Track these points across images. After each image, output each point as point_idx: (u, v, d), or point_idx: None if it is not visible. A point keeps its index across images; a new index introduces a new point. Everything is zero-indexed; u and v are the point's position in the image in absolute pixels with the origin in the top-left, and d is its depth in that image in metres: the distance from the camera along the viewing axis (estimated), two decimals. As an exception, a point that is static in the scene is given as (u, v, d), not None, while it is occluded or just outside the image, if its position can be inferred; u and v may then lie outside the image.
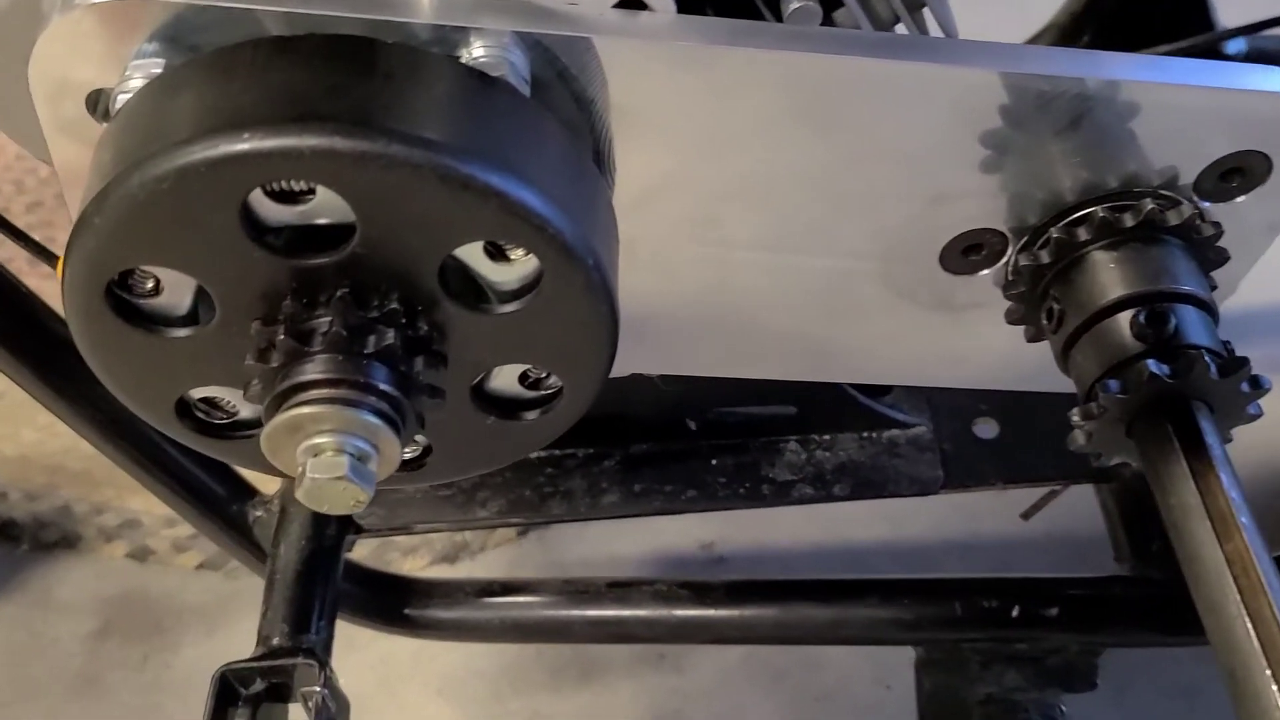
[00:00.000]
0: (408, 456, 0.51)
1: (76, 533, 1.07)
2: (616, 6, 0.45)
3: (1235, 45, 0.94)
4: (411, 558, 1.04)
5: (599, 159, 0.48)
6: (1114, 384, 0.47)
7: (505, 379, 0.48)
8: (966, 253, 0.53)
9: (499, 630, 0.77)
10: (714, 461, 0.73)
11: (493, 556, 1.04)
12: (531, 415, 0.48)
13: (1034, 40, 0.93)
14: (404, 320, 0.42)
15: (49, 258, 0.72)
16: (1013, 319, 0.54)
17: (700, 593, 0.73)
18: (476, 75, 0.41)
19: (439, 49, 0.43)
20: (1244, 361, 0.47)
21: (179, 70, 0.41)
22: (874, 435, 0.74)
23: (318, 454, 0.41)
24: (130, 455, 0.69)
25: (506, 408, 0.48)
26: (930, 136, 0.48)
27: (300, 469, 0.41)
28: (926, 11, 0.52)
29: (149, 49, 0.42)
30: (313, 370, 0.41)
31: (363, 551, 1.05)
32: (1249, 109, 0.48)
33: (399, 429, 0.42)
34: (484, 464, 0.51)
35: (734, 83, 0.45)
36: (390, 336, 0.42)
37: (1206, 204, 0.51)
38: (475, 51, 0.43)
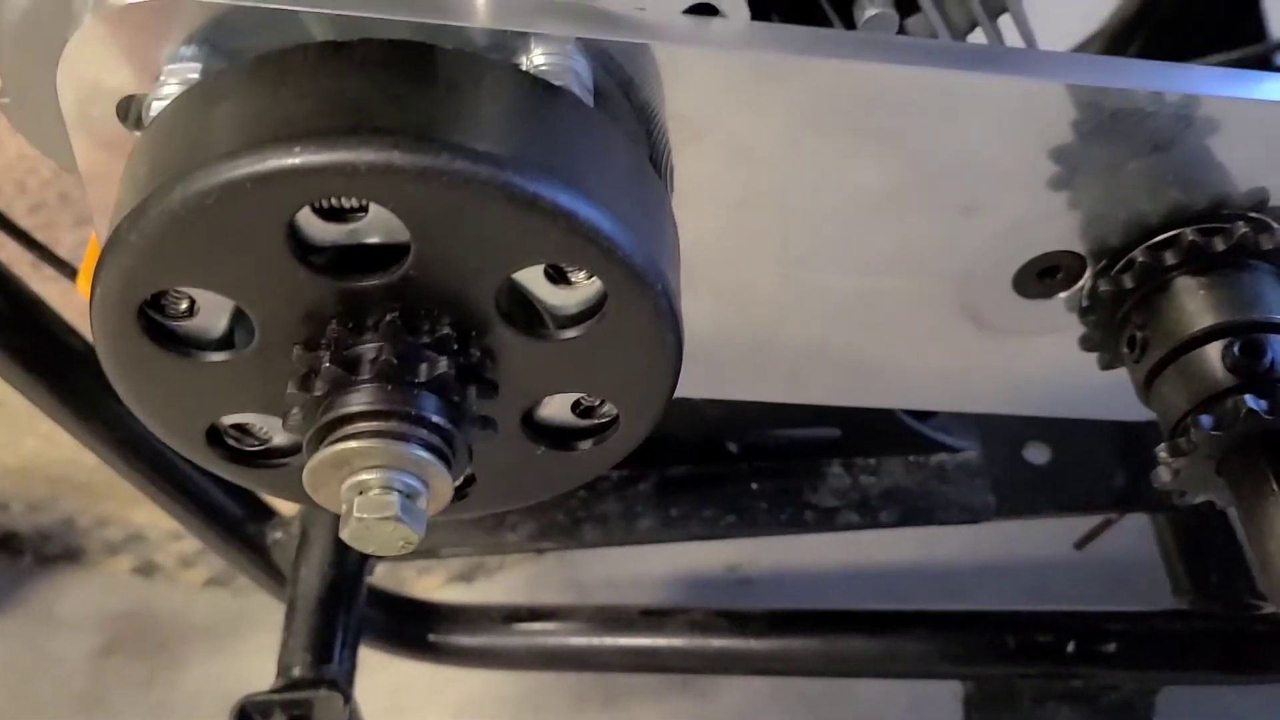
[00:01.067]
0: (450, 487, 0.48)
1: (80, 546, 1.03)
2: (687, 12, 0.42)
3: (1286, 57, 0.91)
4: (426, 576, 1.01)
5: (659, 174, 0.45)
6: (1206, 419, 0.44)
7: (557, 407, 0.45)
8: (1042, 276, 0.50)
9: (526, 658, 0.74)
10: (754, 485, 0.71)
11: (511, 576, 1.01)
12: (585, 445, 0.45)
13: (1081, 47, 0.90)
14: (456, 347, 0.39)
15: (56, 263, 0.69)
16: (1088, 346, 0.51)
17: (738, 623, 0.70)
18: (541, 85, 0.38)
19: (497, 55, 0.40)
20: (1343, 398, 0.44)
21: (220, 77, 0.38)
22: (921, 459, 0.71)
23: (364, 491, 0.38)
24: (144, 472, 0.66)
25: (558, 437, 0.45)
26: (1009, 153, 0.45)
27: (346, 507, 0.38)
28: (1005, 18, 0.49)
29: (186, 53, 0.40)
30: (359, 400, 0.38)
31: (377, 570, 1.03)
32: (1351, 128, 0.45)
33: (450, 464, 0.39)
34: (531, 495, 0.48)
35: (808, 95, 0.43)
36: (443, 365, 0.39)
37: (1299, 228, 0.48)
38: (536, 59, 0.40)
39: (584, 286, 0.40)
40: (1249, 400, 0.44)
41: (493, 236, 0.36)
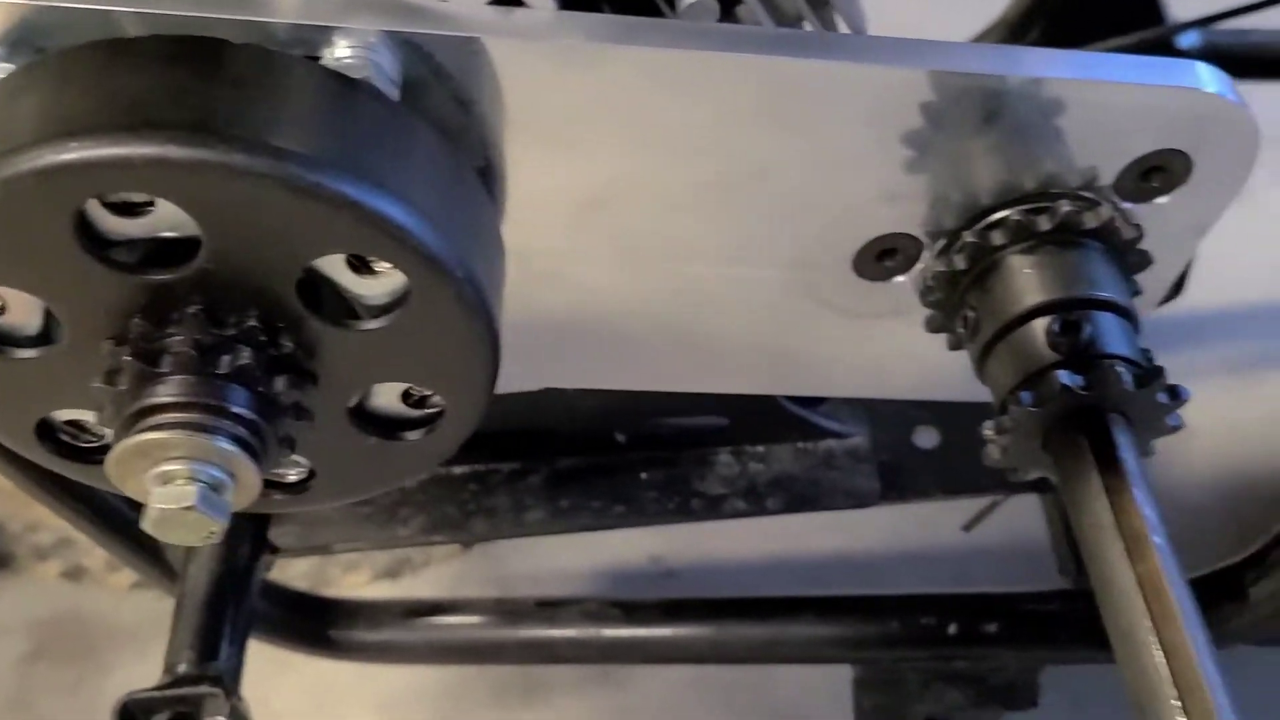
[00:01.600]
0: (292, 479, 0.48)
1: (10, 551, 1.04)
2: (493, 3, 0.42)
3: (1188, 39, 0.92)
4: (353, 574, 1.02)
5: (487, 165, 0.46)
6: (1027, 396, 0.45)
7: (387, 398, 0.45)
8: (881, 258, 0.51)
9: (426, 652, 0.74)
10: (643, 475, 0.71)
11: (436, 572, 1.02)
12: (414, 435, 0.45)
13: (981, 37, 0.91)
14: (264, 338, 0.40)
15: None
16: (932, 327, 0.52)
17: (631, 612, 0.71)
18: (336, 78, 0.39)
19: (300, 50, 0.40)
20: (1160, 371, 0.44)
21: (21, 74, 0.39)
22: (809, 446, 0.71)
23: (167, 482, 0.39)
24: (34, 476, 0.66)
25: (388, 427, 0.45)
26: (833, 138, 0.46)
27: (148, 497, 0.39)
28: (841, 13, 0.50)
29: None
30: (162, 393, 0.38)
31: (303, 567, 1.03)
32: (1166, 105, 0.45)
33: (258, 455, 0.40)
34: (371, 486, 0.49)
35: (623, 83, 0.43)
36: (246, 356, 0.39)
37: (1128, 205, 0.48)
38: (339, 52, 0.40)
39: (390, 276, 0.40)
40: (1064, 376, 0.44)
41: (280, 228, 0.37)
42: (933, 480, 0.70)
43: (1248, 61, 0.92)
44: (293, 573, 1.02)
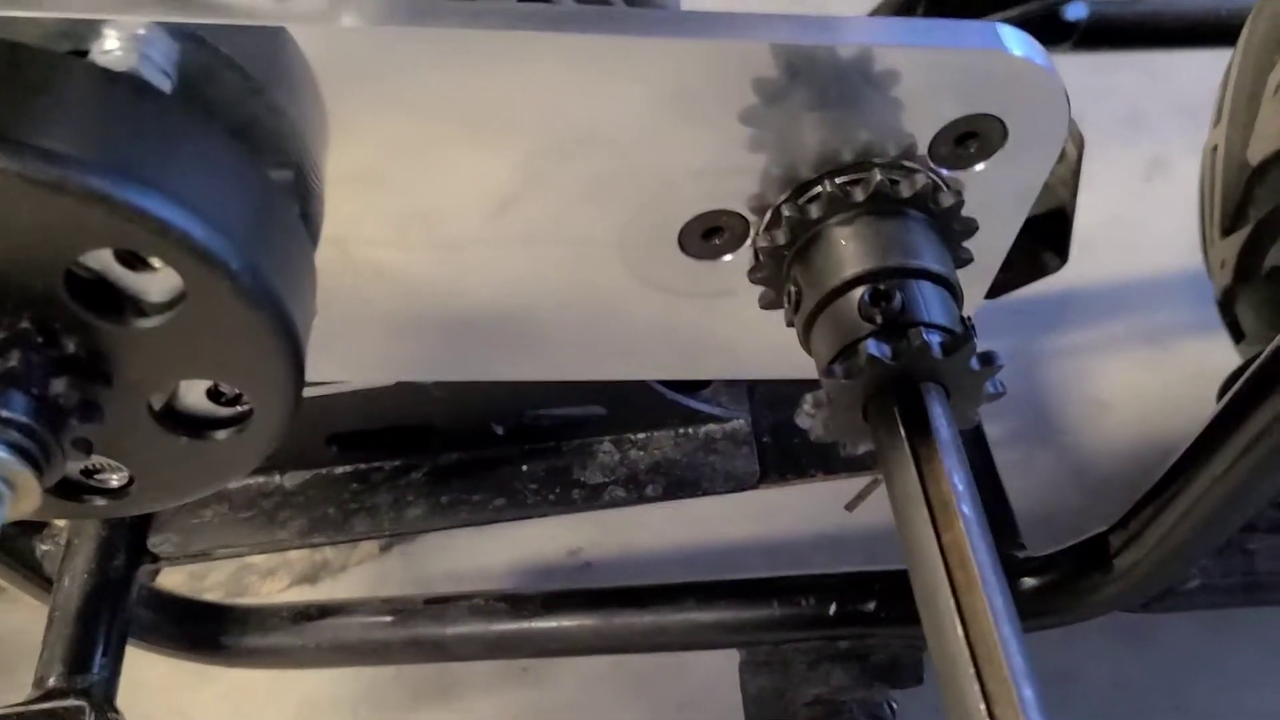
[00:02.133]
0: (114, 485, 0.48)
1: (-77, 573, 1.03)
2: (271, -11, 0.42)
3: (1075, 10, 0.91)
4: (270, 580, 1.01)
5: (298, 157, 0.45)
6: (839, 368, 0.44)
7: (194, 397, 0.45)
8: (707, 236, 0.50)
9: (317, 654, 0.73)
10: (525, 468, 0.70)
11: (355, 575, 1.01)
12: (224, 434, 0.45)
13: (873, 14, 0.90)
14: (40, 339, 0.39)
15: None
16: (765, 303, 0.51)
17: (517, 605, 0.70)
18: (95, 71, 0.38)
19: (68, 44, 0.40)
20: (968, 338, 0.44)
21: None
22: (690, 432, 0.71)
23: (-64, 490, 0.38)
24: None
25: (197, 427, 0.45)
26: (638, 114, 0.45)
27: (-83, 507, 0.38)
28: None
29: None
30: (-71, 400, 0.38)
31: (220, 577, 1.02)
32: (972, 68, 0.45)
33: (36, 460, 0.39)
34: (191, 488, 0.48)
35: (418, 66, 0.42)
36: (15, 359, 0.38)
37: (946, 172, 0.48)
38: (108, 45, 0.40)
39: (166, 272, 0.39)
40: (871, 346, 0.43)
41: (34, 226, 0.36)
42: (812, 461, 0.69)
43: (1136, 31, 0.92)
44: (210, 582, 1.01)
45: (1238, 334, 0.82)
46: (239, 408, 0.45)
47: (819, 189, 0.47)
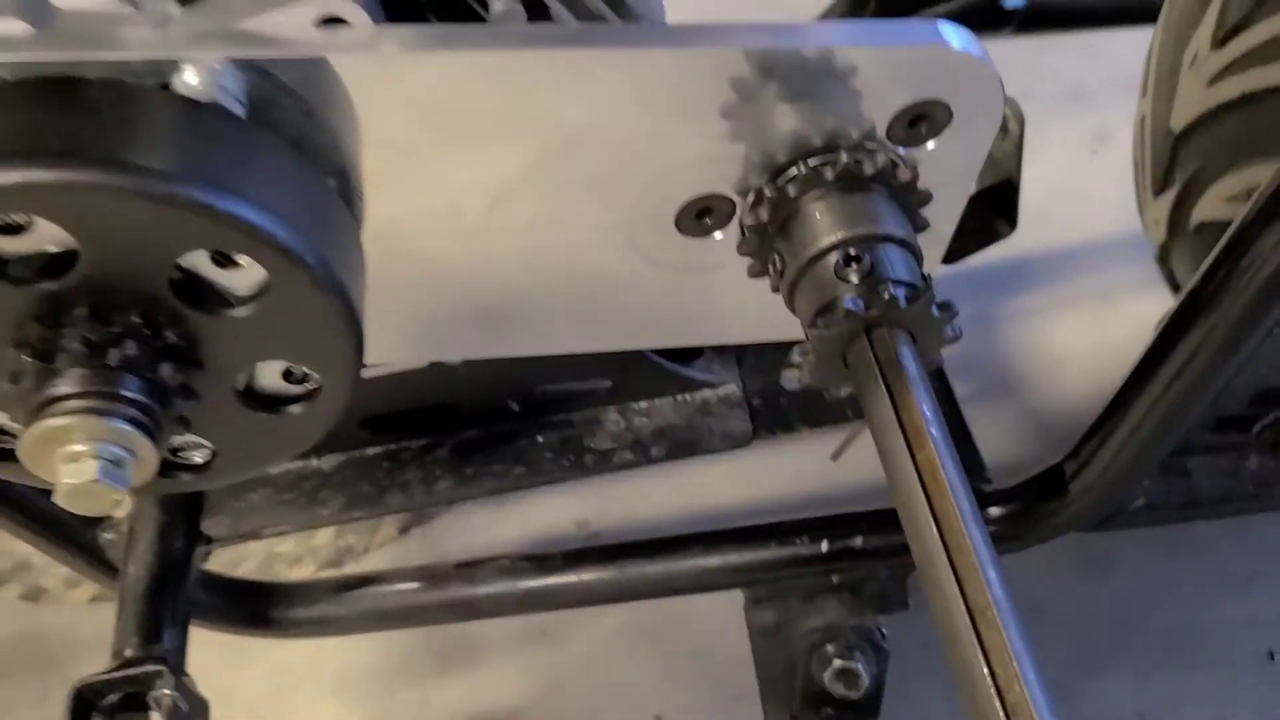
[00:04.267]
0: (198, 461, 0.55)
1: (-32, 580, 1.09)
2: (320, 25, 0.49)
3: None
4: (297, 566, 1.07)
5: (342, 164, 0.52)
6: (821, 321, 0.52)
7: (270, 378, 0.52)
8: (699, 217, 0.57)
9: (359, 621, 0.80)
10: (540, 439, 0.78)
11: (377, 557, 1.08)
12: (297, 409, 0.52)
13: (826, 14, 0.98)
14: (148, 331, 0.46)
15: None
16: (754, 273, 0.59)
17: (540, 563, 0.78)
18: (181, 101, 0.45)
19: (154, 79, 0.47)
20: (928, 289, 0.51)
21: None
22: (687, 398, 0.78)
23: (73, 460, 0.45)
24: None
25: (273, 404, 0.52)
26: (635, 115, 0.52)
27: (57, 475, 0.45)
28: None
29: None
30: (60, 385, 0.45)
31: (250, 565, 1.09)
32: (919, 61, 0.52)
33: (152, 432, 0.46)
34: (265, 459, 0.55)
35: (440, 83, 0.50)
36: (132, 348, 0.45)
37: (902, 150, 0.56)
38: (188, 79, 0.46)
39: (251, 268, 0.47)
40: (847, 301, 0.51)
41: (143, 234, 0.43)
42: (798, 417, 0.77)
43: (1072, 14, 1.00)
44: (242, 571, 1.08)
45: (1174, 285, 0.90)
46: (308, 385, 0.52)
47: (794, 171, 0.55)
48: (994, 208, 0.86)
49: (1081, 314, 1.15)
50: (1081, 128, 1.32)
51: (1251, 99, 0.73)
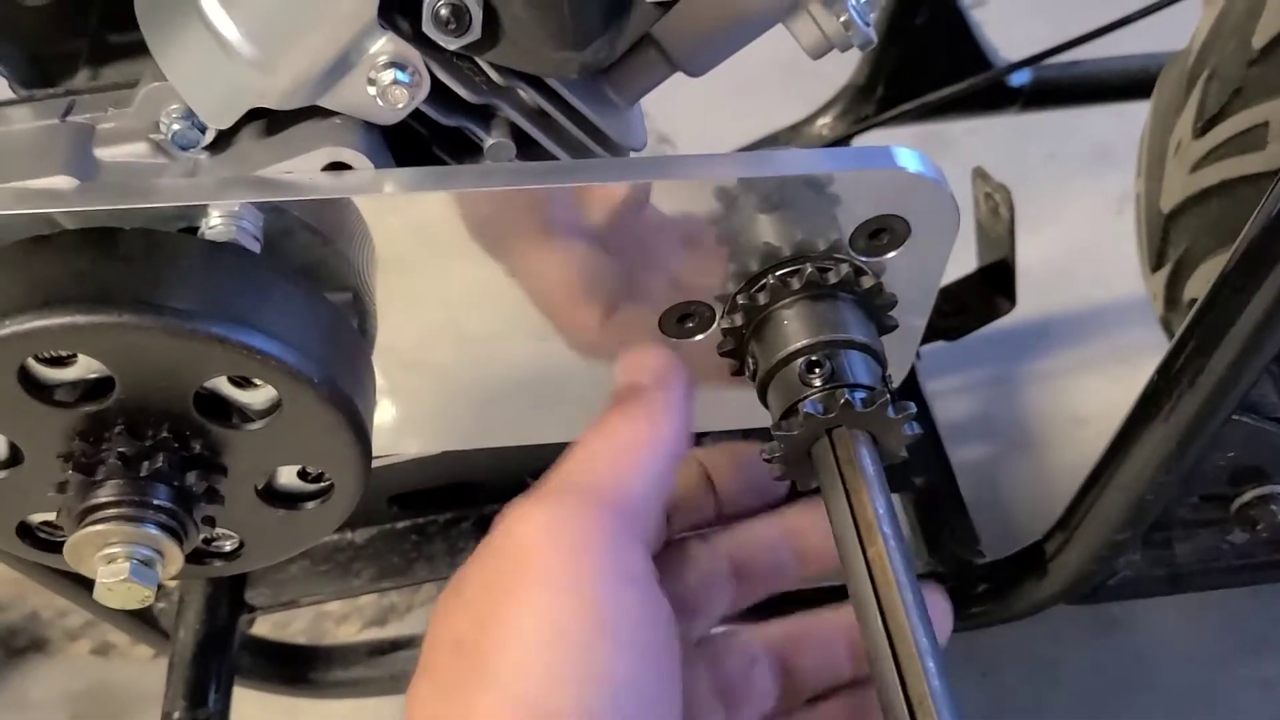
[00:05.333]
0: (228, 549, 0.61)
1: (44, 636, 1.17)
2: (325, 169, 0.55)
3: (1020, 77, 1.03)
4: (345, 624, 1.14)
5: (355, 288, 0.58)
6: (785, 424, 0.56)
7: (288, 477, 0.58)
8: (681, 321, 0.62)
9: (391, 683, 0.86)
10: (556, 513, 0.83)
11: (419, 615, 1.14)
12: (312, 505, 0.58)
13: (834, 99, 1.03)
14: (176, 445, 0.52)
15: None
16: (732, 371, 0.63)
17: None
18: (205, 243, 0.51)
19: (183, 224, 0.53)
20: (885, 392, 0.55)
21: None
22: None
23: (110, 561, 0.51)
24: (39, 570, 0.79)
25: (291, 501, 0.58)
26: (616, 238, 0.58)
27: (96, 574, 0.51)
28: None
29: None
30: (100, 495, 0.51)
31: (300, 624, 1.15)
32: (874, 181, 0.57)
33: (179, 534, 0.52)
34: (287, 549, 0.61)
35: (438, 218, 0.55)
36: (160, 460, 0.51)
37: (865, 259, 0.60)
38: (212, 222, 0.53)
39: (265, 388, 0.53)
40: (808, 406, 0.56)
41: (171, 363, 0.49)
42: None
43: (1076, 90, 1.03)
44: (292, 630, 1.14)
45: (1179, 353, 0.92)
46: (322, 483, 0.58)
47: (765, 281, 0.59)
48: (994, 286, 0.89)
49: (1103, 375, 1.17)
50: (1107, 188, 1.35)
51: (1230, 186, 0.76)
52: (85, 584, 0.81)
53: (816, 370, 0.57)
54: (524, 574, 0.51)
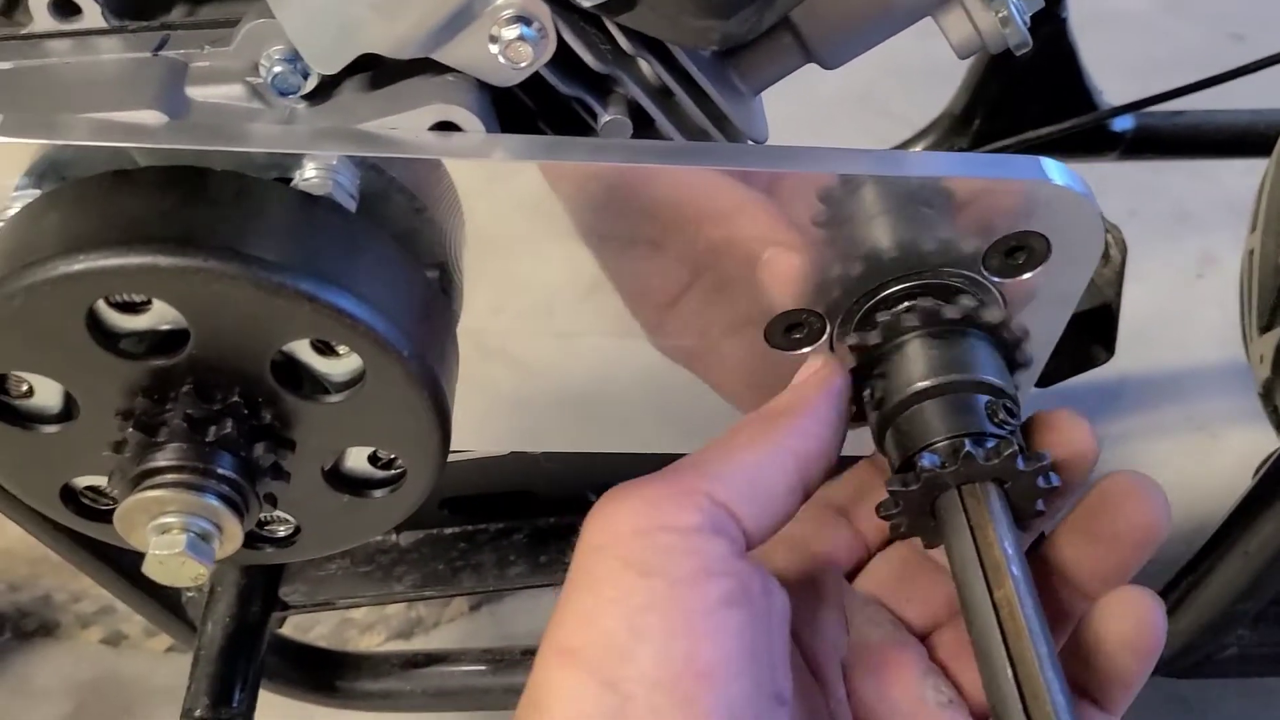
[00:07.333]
0: (281, 535, 0.56)
1: (55, 620, 1.12)
2: (433, 128, 0.51)
3: (1122, 123, 0.99)
4: (369, 634, 1.09)
5: (443, 260, 0.54)
6: (926, 462, 0.51)
7: (357, 460, 0.53)
8: (788, 331, 0.58)
9: (423, 699, 0.81)
10: (615, 532, 0.78)
11: (447, 631, 1.09)
12: (381, 493, 0.53)
13: (929, 128, 0.99)
14: (246, 411, 0.48)
15: None
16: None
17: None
18: (299, 195, 0.47)
19: (276, 173, 0.49)
20: (1010, 444, 0.50)
21: (42, 200, 0.47)
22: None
23: (164, 532, 0.46)
24: (68, 544, 0.74)
25: (359, 487, 0.53)
26: (727, 231, 0.53)
27: (147, 546, 0.46)
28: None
29: (24, 182, 0.49)
30: (160, 458, 0.46)
31: (323, 629, 1.10)
32: (1017, 193, 0.52)
33: (240, 509, 0.47)
34: (348, 539, 0.56)
35: (545, 190, 0.51)
36: (229, 426, 0.47)
37: (999, 279, 0.55)
38: (307, 174, 0.48)
39: (349, 358, 0.48)
40: (925, 459, 0.50)
41: (253, 320, 0.45)
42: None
43: (1179, 141, 0.99)
44: (314, 635, 1.09)
45: (1278, 423, 0.87)
46: (393, 470, 0.53)
47: (885, 295, 0.55)
48: (1092, 334, 0.85)
49: (1179, 443, 1.12)
50: (1187, 250, 1.31)
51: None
52: (113, 562, 0.78)
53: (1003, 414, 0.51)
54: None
